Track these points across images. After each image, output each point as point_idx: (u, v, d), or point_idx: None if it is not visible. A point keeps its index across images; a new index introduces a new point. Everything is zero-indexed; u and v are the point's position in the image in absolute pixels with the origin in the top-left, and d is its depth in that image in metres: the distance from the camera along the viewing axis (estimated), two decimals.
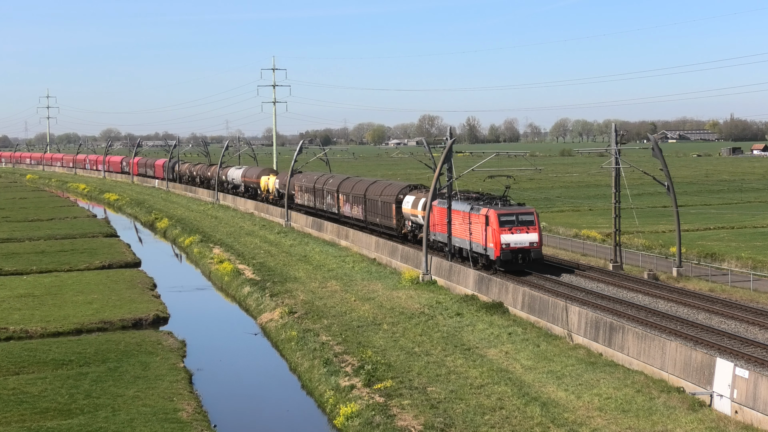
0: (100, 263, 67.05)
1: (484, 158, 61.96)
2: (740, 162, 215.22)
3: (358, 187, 75.84)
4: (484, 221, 51.32)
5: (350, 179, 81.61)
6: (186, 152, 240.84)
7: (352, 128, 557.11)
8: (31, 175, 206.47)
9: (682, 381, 30.72)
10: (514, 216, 50.96)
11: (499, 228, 50.34)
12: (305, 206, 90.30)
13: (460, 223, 54.77)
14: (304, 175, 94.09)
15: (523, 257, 50.88)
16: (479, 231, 52.13)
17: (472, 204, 53.98)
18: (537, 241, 50.93)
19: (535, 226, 51.10)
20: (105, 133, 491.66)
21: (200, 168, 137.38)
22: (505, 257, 50.43)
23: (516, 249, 50.61)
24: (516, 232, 50.58)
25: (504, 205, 52.58)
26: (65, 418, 30.56)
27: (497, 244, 50.34)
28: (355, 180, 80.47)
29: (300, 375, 38.43)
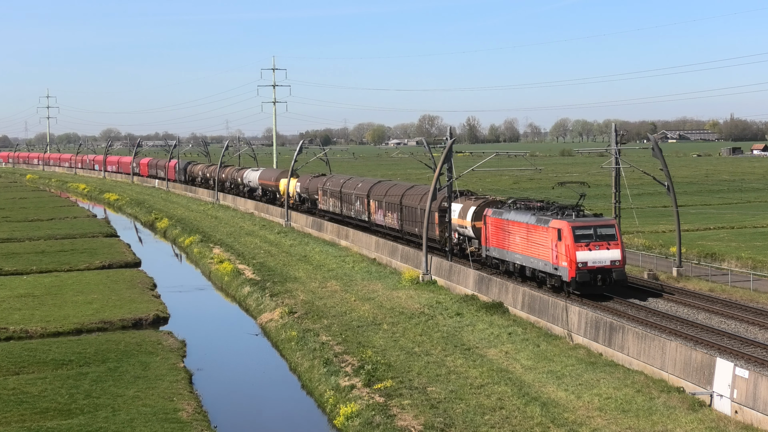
0: (100, 263, 67.05)
1: (484, 158, 61.97)
2: (740, 162, 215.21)
3: (392, 192, 68.55)
4: (555, 235, 44.18)
5: (383, 183, 74.83)
6: (186, 152, 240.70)
7: (352, 128, 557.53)
8: (31, 175, 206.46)
9: (682, 381, 30.72)
10: (592, 229, 43.90)
11: (574, 243, 43.27)
12: (330, 212, 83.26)
13: (521, 238, 47.70)
14: (329, 177, 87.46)
15: (603, 278, 43.56)
16: (547, 247, 44.99)
17: (536, 214, 46.89)
18: (620, 259, 43.74)
19: (617, 241, 43.92)
20: (105, 133, 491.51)
21: (214, 170, 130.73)
22: (581, 278, 43.07)
23: (595, 269, 43.36)
24: (594, 249, 43.44)
25: (578, 215, 45.33)
26: (65, 418, 30.56)
27: (572, 262, 43.20)
28: (389, 184, 73.30)
29: (300, 375, 38.43)
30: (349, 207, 77.61)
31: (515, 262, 49.05)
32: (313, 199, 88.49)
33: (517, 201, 51.64)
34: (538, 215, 46.65)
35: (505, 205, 51.84)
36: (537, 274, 46.97)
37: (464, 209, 55.97)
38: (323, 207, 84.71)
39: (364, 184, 76.56)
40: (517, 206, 50.34)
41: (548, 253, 45.03)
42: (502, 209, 50.82)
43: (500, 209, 51.03)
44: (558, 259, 44.30)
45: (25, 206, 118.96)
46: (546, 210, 47.46)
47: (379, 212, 70.63)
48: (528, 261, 47.36)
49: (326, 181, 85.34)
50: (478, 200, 55.44)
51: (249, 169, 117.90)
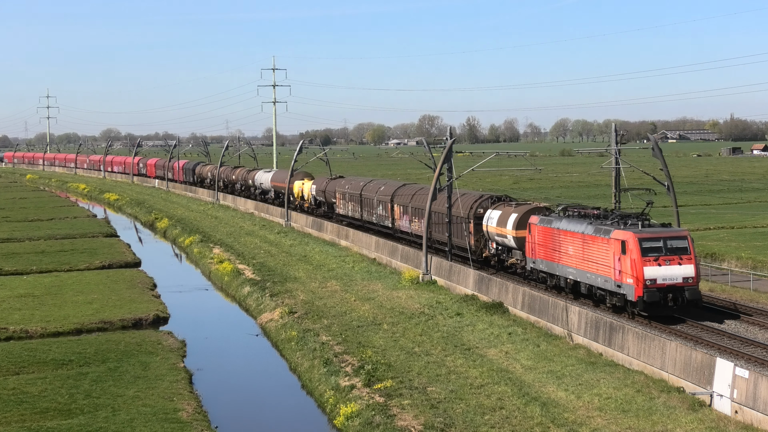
0: (100, 263, 67.06)
1: (484, 158, 61.96)
2: (740, 162, 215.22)
3: (420, 196, 62.82)
4: (619, 248, 38.99)
5: (409, 186, 69.08)
6: (186, 152, 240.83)
7: (352, 128, 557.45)
8: (31, 175, 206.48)
9: (682, 381, 30.73)
10: (662, 241, 38.70)
11: (641, 258, 38.11)
12: (348, 217, 78.17)
13: (576, 249, 42.69)
14: (348, 180, 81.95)
15: (674, 298, 38.40)
16: (608, 260, 39.90)
17: (594, 223, 41.81)
18: (693, 276, 38.53)
19: (690, 255, 38.75)
20: (105, 133, 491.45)
21: (224, 171, 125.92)
22: (650, 298, 37.90)
23: (665, 287, 38.20)
24: (664, 264, 38.19)
25: (645, 225, 40.06)
26: (65, 418, 30.57)
27: (639, 279, 38.05)
28: (415, 188, 67.65)
29: (300, 375, 38.44)
30: (370, 212, 72.59)
31: (567, 277, 43.80)
32: (330, 203, 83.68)
33: (568, 208, 46.68)
34: (596, 224, 41.49)
35: (554, 213, 47.33)
36: (594, 292, 41.68)
37: (504, 217, 50.63)
38: (341, 211, 79.88)
39: (387, 187, 71.35)
40: (569, 214, 45.46)
41: (609, 268, 39.81)
42: (550, 217, 45.81)
43: (548, 217, 46.01)
44: (621, 276, 38.95)
45: (25, 206, 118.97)
46: (605, 218, 42.43)
47: (404, 218, 65.42)
48: (583, 276, 42.22)
49: (345, 184, 79.92)
50: (520, 207, 50.39)
51: (261, 171, 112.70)
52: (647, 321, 39.10)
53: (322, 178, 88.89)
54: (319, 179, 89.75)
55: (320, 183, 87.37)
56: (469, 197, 56.55)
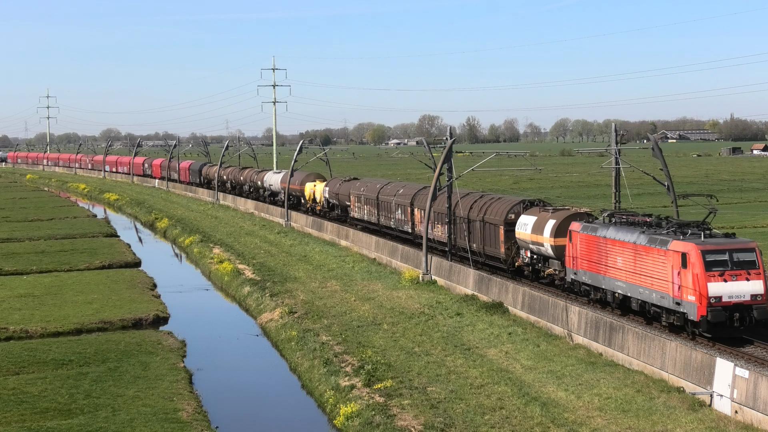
0: (100, 263, 67.07)
1: (484, 158, 61.94)
2: (740, 162, 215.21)
3: (443, 201, 58.16)
4: (678, 261, 34.91)
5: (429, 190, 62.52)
6: (186, 152, 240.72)
7: (352, 128, 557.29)
8: (31, 175, 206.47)
9: (682, 381, 30.73)
10: (727, 254, 34.57)
11: (705, 272, 34.06)
12: (363, 221, 73.79)
13: (626, 261, 38.39)
14: (363, 182, 77.73)
15: (741, 317, 34.36)
16: (665, 275, 35.68)
17: (647, 233, 37.55)
18: (763, 293, 34.56)
19: (759, 270, 34.72)
20: (105, 133, 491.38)
21: (231, 172, 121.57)
22: (715, 317, 33.93)
23: (731, 305, 34.23)
24: (731, 280, 34.29)
25: (707, 236, 35.79)
26: (65, 418, 30.57)
27: (702, 296, 34.08)
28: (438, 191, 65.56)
29: (300, 375, 38.45)
30: (388, 216, 68.15)
31: (615, 291, 39.64)
32: (343, 206, 79.55)
33: (614, 214, 42.37)
34: (650, 234, 37.31)
35: (597, 219, 43.68)
36: (648, 308, 37.46)
37: (540, 223, 46.53)
38: (356, 215, 75.48)
39: (406, 190, 66.84)
40: (616, 221, 41.17)
41: (666, 282, 35.69)
42: (595, 224, 41.72)
43: (593, 224, 41.93)
44: (681, 292, 34.89)
45: (25, 206, 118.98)
46: (658, 227, 38.33)
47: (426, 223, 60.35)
48: (635, 291, 37.99)
49: (360, 186, 75.59)
50: (558, 212, 46.53)
51: (270, 172, 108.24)
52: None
53: (336, 180, 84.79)
54: (332, 181, 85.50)
55: (333, 185, 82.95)
56: (500, 202, 52.27)
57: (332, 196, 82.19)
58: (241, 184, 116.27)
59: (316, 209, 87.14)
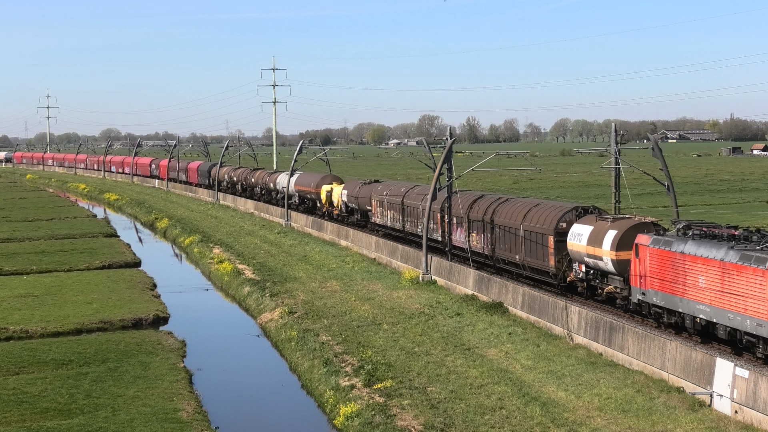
0: (100, 263, 67.06)
1: (484, 158, 61.91)
2: (740, 162, 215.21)
3: (480, 206, 53.60)
4: None
5: (464, 194, 58.23)
6: (186, 152, 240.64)
7: (352, 128, 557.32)
8: (31, 175, 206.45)
9: (682, 381, 30.73)
10: None
11: None
12: (387, 227, 68.59)
13: (710, 281, 33.12)
14: (386, 185, 71.90)
15: None
16: (762, 298, 30.44)
17: (737, 248, 32.30)
18: None
19: None
20: (105, 133, 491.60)
21: (242, 173, 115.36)
22: None
23: None
24: None
25: None
26: (65, 418, 30.57)
27: None
28: (473, 195, 57.28)
29: (300, 375, 38.45)
30: (414, 222, 62.61)
31: (697, 316, 34.32)
32: (363, 211, 74.42)
33: (692, 225, 36.54)
34: (741, 250, 32.00)
35: (669, 231, 38.53)
36: (740, 337, 32.20)
37: (597, 234, 41.24)
38: (378, 220, 70.28)
39: None
40: (695, 233, 35.58)
41: (764, 308, 30.53)
42: (668, 237, 36.41)
43: (665, 237, 36.63)
44: None
45: (25, 206, 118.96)
46: (747, 240, 33.08)
47: (458, 231, 55.86)
48: (722, 316, 32.69)
49: (383, 190, 70.04)
50: (619, 222, 41.03)
51: (283, 173, 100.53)
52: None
53: (355, 183, 79.34)
54: (351, 183, 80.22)
55: (353, 188, 77.48)
56: (549, 208, 46.85)
57: (351, 199, 76.89)
58: (252, 186, 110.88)
59: (333, 213, 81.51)
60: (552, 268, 44.81)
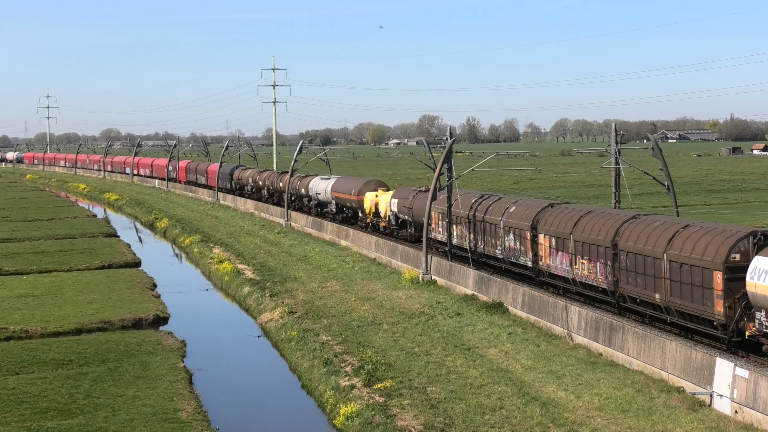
0: (100, 263, 67.06)
1: (484, 158, 61.90)
2: (740, 162, 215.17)
3: (590, 224, 41.60)
4: None
5: (562, 208, 45.60)
6: (186, 152, 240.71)
7: (352, 128, 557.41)
8: (31, 175, 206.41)
9: (682, 381, 30.73)
10: None
11: None
12: (455, 246, 55.52)
13: None
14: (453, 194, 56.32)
15: None
16: None
17: None
18: None
19: None
20: (105, 133, 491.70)
21: (268, 177, 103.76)
22: None
23: None
24: None
25: None
26: (65, 418, 30.57)
27: None
28: (576, 211, 44.16)
29: (300, 375, 38.44)
30: (492, 242, 50.78)
31: None
32: (420, 224, 60.63)
33: None
34: None
35: None
36: None
37: None
38: (439, 236, 58.06)
39: (521, 207, 48.96)
40: None
41: None
42: None
43: None
44: None
45: (25, 206, 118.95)
46: None
47: (558, 256, 43.50)
48: None
49: (445, 200, 56.48)
50: None
51: (317, 178, 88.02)
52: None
53: (407, 189, 66.72)
54: (402, 190, 67.28)
55: (404, 196, 64.97)
56: (710, 232, 34.53)
57: (404, 210, 64.46)
58: (281, 191, 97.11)
59: (380, 226, 69.76)
60: (719, 317, 32.80)
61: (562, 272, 43.70)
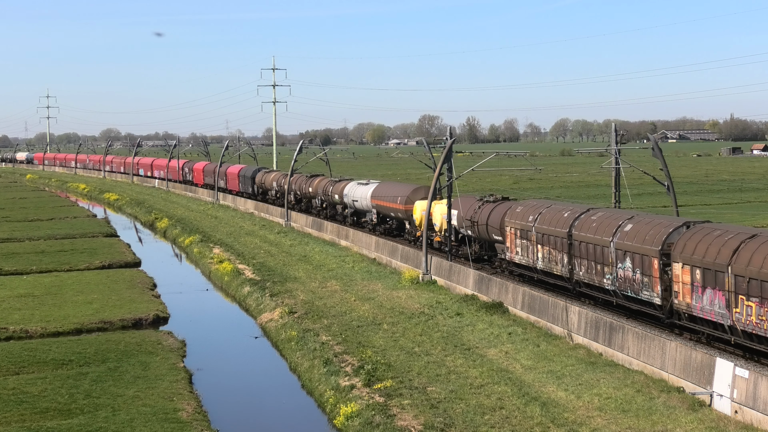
0: (100, 263, 67.06)
1: (484, 158, 61.89)
2: (740, 162, 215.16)
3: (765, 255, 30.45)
4: None
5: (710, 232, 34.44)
6: (186, 152, 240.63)
7: (352, 128, 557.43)
8: (31, 175, 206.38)
9: (682, 381, 30.73)
10: None
11: None
12: (535, 270, 46.04)
13: None
14: (530, 206, 47.73)
15: None
16: None
17: None
18: None
19: None
20: (105, 133, 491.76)
21: (296, 181, 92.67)
22: None
23: None
24: None
25: None
26: (65, 418, 30.58)
27: None
28: (734, 233, 33.37)
29: (300, 375, 38.45)
30: (598, 269, 40.41)
31: None
32: (488, 241, 51.93)
33: None
34: None
35: None
36: None
37: None
38: (517, 258, 47.45)
39: (642, 225, 38.49)
40: None
41: None
42: None
43: None
44: None
45: (25, 206, 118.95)
46: None
47: (707, 294, 33.40)
48: None
49: (525, 214, 46.84)
50: None
51: (353, 182, 78.13)
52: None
53: (469, 199, 56.44)
54: (465, 199, 56.21)
55: (468, 206, 54.40)
56: None
57: (468, 223, 53.50)
58: (310, 196, 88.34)
59: (434, 240, 58.15)
60: None
61: (711, 316, 33.52)
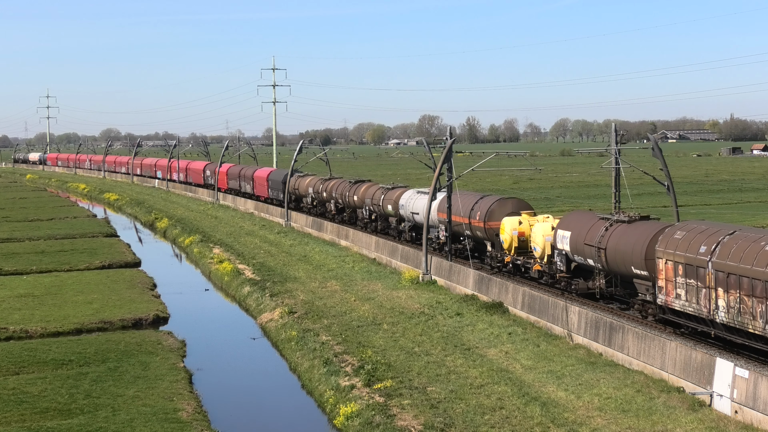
0: (100, 263, 67.05)
1: (484, 158, 61.88)
2: (740, 162, 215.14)
3: None
4: None
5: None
6: (186, 152, 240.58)
7: (352, 128, 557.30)
8: (31, 175, 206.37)
9: (682, 381, 30.73)
10: None
11: None
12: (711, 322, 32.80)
13: None
14: (692, 229, 34.76)
15: None
16: None
17: None
18: None
19: None
20: (105, 133, 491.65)
21: (337, 187, 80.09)
22: None
23: None
24: None
25: None
26: (65, 418, 30.58)
27: None
28: None
29: (300, 375, 38.45)
30: (754, 310, 30.47)
31: None
32: (622, 274, 39.66)
33: None
34: None
35: None
36: None
37: None
38: (679, 305, 34.47)
39: None
40: None
41: None
42: None
43: None
44: None
45: (25, 206, 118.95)
46: None
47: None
48: None
49: (693, 241, 33.96)
50: None
51: (410, 190, 65.74)
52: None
53: (585, 215, 44.49)
54: (576, 217, 44.48)
55: (583, 225, 42.51)
56: None
57: (584, 250, 41.78)
58: (355, 206, 75.80)
59: (533, 270, 46.82)
60: None
61: None
